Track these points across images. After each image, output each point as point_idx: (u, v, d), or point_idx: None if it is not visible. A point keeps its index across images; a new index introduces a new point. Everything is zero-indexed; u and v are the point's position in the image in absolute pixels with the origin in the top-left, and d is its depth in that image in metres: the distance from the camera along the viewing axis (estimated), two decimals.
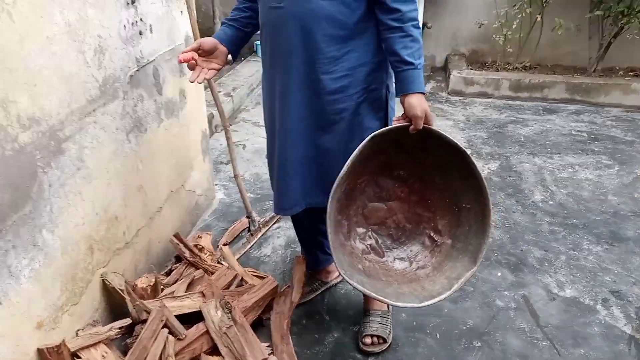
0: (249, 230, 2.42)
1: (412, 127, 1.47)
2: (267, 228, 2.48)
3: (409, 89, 1.44)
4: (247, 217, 2.44)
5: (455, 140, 1.50)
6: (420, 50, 1.46)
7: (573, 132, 3.77)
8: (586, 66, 4.58)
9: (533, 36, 4.50)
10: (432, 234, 1.69)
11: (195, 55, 1.59)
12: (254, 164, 3.21)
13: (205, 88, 2.62)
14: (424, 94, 1.46)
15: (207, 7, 4.88)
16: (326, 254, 2.02)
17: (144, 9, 1.87)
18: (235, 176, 2.37)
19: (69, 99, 1.51)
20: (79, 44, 1.53)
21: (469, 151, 1.53)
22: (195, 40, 2.15)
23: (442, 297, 1.52)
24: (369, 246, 1.70)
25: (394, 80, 1.56)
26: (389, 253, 1.71)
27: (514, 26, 4.36)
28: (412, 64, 1.43)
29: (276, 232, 2.51)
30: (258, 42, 5.02)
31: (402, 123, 1.48)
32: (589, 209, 2.76)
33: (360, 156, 1.46)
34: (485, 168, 3.18)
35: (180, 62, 1.58)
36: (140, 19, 1.85)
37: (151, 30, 1.93)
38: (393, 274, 1.65)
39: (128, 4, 1.76)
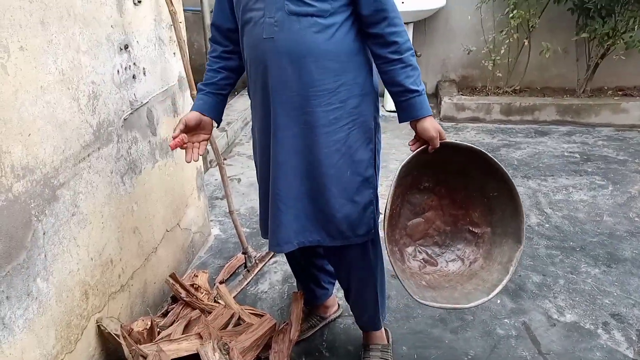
0: (246, 267, 2.42)
1: (430, 147, 1.53)
2: (263, 263, 2.48)
3: (418, 115, 1.50)
4: (243, 253, 2.43)
5: (470, 145, 1.58)
6: (420, 77, 1.52)
7: (565, 154, 3.81)
8: (575, 87, 4.64)
9: (521, 60, 4.57)
10: (470, 228, 1.76)
11: (185, 137, 1.58)
12: (249, 197, 3.22)
13: None
14: (432, 115, 1.52)
15: (200, 44, 4.96)
16: (323, 288, 2.01)
17: (137, 53, 1.90)
18: (231, 212, 2.38)
19: (63, 146, 1.52)
20: (72, 92, 1.55)
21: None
22: (188, 80, 2.19)
23: (504, 282, 1.61)
24: (422, 260, 1.76)
25: (379, 112, 1.61)
26: (441, 259, 1.77)
27: (502, 51, 4.43)
28: (416, 91, 1.49)
29: (273, 267, 2.51)
30: None
31: (418, 147, 1.56)
32: (585, 230, 2.76)
33: (394, 192, 1.52)
34: None
35: (173, 148, 1.57)
36: (134, 63, 1.88)
37: (144, 73, 1.96)
38: (453, 277, 1.71)
39: (121, 49, 1.80)
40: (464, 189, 1.73)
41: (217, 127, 1.76)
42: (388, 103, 4.69)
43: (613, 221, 2.85)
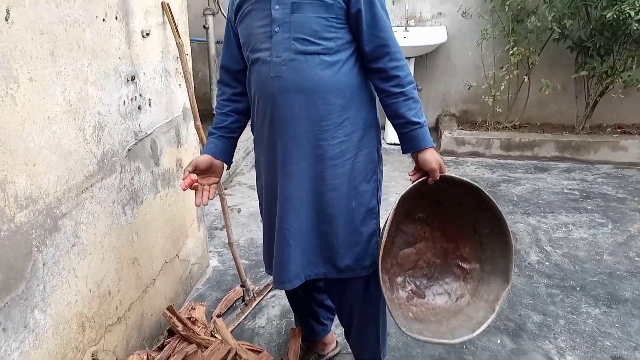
0: (243, 300, 2.39)
1: (430, 179, 1.55)
2: (261, 297, 2.45)
3: (420, 146, 1.54)
4: (242, 285, 2.41)
5: (467, 180, 1.60)
6: (422, 109, 1.55)
7: (565, 191, 3.82)
8: (574, 124, 4.68)
9: (521, 96, 4.62)
10: (460, 263, 1.76)
11: (195, 177, 1.60)
12: (249, 228, 3.21)
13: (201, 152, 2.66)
14: (433, 147, 1.55)
15: (204, 74, 5.01)
16: (322, 324, 1.99)
17: (143, 84, 1.92)
18: (230, 244, 2.36)
19: (67, 176, 1.52)
20: (79, 122, 1.56)
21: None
22: (192, 111, 2.21)
23: (489, 320, 1.61)
24: (410, 292, 1.74)
25: (381, 145, 1.64)
26: (428, 292, 1.75)
27: (502, 87, 4.49)
28: (418, 123, 1.53)
29: (271, 301, 2.48)
30: None
31: (418, 177, 1.58)
32: (585, 269, 2.75)
33: (392, 220, 1.53)
34: None
35: (184, 189, 1.59)
36: (140, 94, 1.90)
37: (150, 104, 1.98)
38: (439, 311, 1.70)
39: (128, 80, 1.82)
40: (456, 223, 1.74)
41: (228, 169, 1.77)
42: (389, 136, 4.72)
43: (613, 260, 2.83)
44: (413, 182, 1.58)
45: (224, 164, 1.69)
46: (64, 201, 1.52)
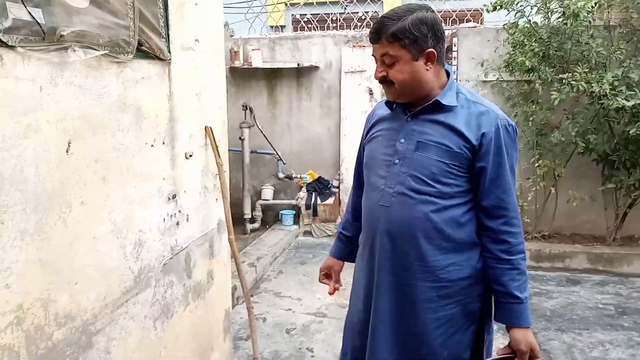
0: None
1: (517, 358, 1.46)
2: None
3: (514, 323, 1.47)
4: None
5: None
6: (527, 283, 1.48)
7: (600, 305, 3.69)
8: (605, 235, 4.63)
9: (549, 206, 4.63)
10: None
11: (338, 285, 1.83)
12: (274, 339, 3.16)
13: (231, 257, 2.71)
14: (529, 327, 1.47)
15: (237, 180, 5.22)
16: None
17: (183, 201, 2.03)
18: (255, 359, 2.34)
19: (105, 293, 1.58)
20: (121, 240, 1.65)
21: None
22: (227, 225, 2.30)
23: None
24: None
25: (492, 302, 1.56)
26: None
27: (529, 198, 4.52)
28: (518, 298, 1.45)
29: None
30: (283, 212, 5.30)
31: (506, 353, 1.48)
32: None
33: None
34: None
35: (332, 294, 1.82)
36: (179, 211, 2.00)
37: (187, 220, 2.07)
38: None
39: (169, 199, 1.93)
40: None
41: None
42: None
43: None
44: (499, 355, 1.49)
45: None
46: (99, 318, 1.56)
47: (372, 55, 1.52)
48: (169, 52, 1.85)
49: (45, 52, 1.29)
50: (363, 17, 5.94)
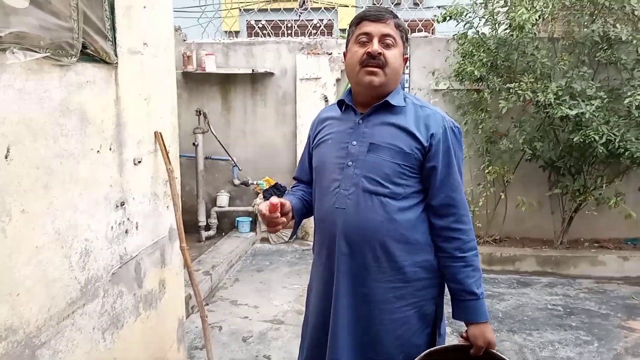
0: None
1: (473, 350, 1.48)
2: None
3: (473, 319, 1.49)
4: None
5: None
6: (481, 279, 1.51)
7: (549, 306, 3.81)
8: (552, 238, 4.80)
9: (499, 211, 4.77)
10: None
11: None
12: (230, 348, 3.12)
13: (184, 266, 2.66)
14: (487, 321, 1.49)
15: (192, 187, 5.14)
16: None
17: (132, 209, 1.98)
18: None
19: (49, 304, 1.53)
20: (65, 250, 1.59)
21: None
22: (178, 232, 2.26)
23: None
24: None
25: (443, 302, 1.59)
26: None
27: (480, 203, 4.64)
28: (475, 294, 1.48)
29: None
30: (239, 219, 5.24)
31: (462, 342, 1.51)
32: None
33: None
34: None
35: (272, 211, 1.46)
36: (128, 219, 1.96)
37: (137, 228, 2.02)
38: None
39: (117, 206, 1.88)
40: None
41: (291, 239, 1.73)
42: None
43: None
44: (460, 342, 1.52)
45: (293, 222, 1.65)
46: (43, 330, 1.50)
47: (363, 33, 1.50)
48: (116, 55, 1.81)
49: None
50: (317, 25, 5.98)
